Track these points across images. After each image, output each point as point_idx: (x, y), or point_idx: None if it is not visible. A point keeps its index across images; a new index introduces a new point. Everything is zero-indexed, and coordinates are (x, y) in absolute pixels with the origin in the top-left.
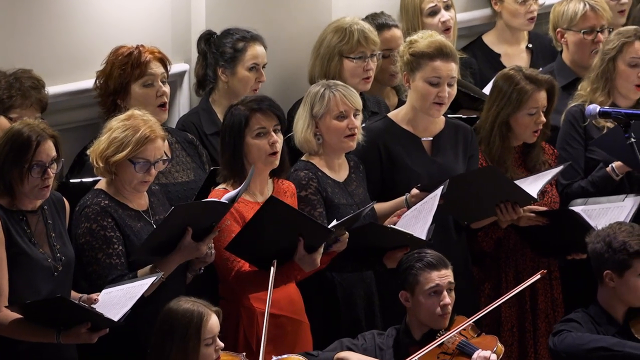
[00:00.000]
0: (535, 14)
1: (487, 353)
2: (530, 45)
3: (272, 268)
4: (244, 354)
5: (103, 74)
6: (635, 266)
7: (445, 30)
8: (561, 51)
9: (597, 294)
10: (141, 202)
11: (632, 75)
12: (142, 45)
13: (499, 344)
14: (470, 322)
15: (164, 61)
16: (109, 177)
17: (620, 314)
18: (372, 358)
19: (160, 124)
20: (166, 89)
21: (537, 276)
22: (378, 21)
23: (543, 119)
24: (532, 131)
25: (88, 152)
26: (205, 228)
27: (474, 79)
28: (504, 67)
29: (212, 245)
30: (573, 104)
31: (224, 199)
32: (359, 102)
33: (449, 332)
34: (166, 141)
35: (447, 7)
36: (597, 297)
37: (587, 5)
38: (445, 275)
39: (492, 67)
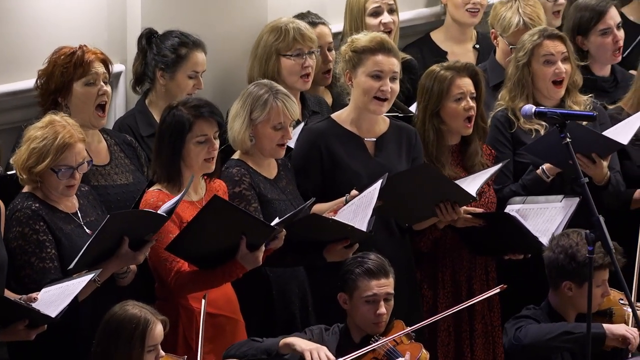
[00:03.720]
0: (480, 7)
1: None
2: (477, 46)
3: (202, 300)
4: (185, 357)
5: (45, 73)
6: (596, 277)
7: (387, 32)
8: (494, 50)
9: (549, 297)
10: (70, 204)
11: (549, 73)
12: (85, 46)
13: (424, 351)
14: (407, 332)
15: (106, 62)
16: (34, 185)
17: (571, 318)
18: (316, 344)
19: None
20: (107, 89)
21: (497, 290)
22: (305, 20)
23: (472, 104)
24: (463, 119)
25: (11, 161)
26: (142, 237)
27: (412, 86)
28: None
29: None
30: (497, 110)
31: (161, 211)
32: (297, 113)
33: (382, 340)
34: (104, 142)
35: (391, 11)
36: (549, 300)
37: (522, 22)
38: (383, 285)
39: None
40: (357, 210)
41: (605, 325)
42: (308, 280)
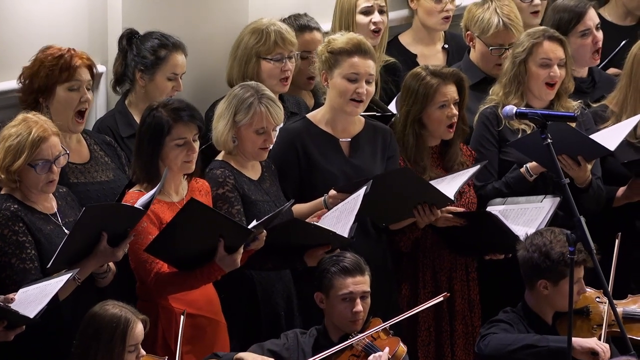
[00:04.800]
0: (451, 14)
1: (379, 354)
2: (446, 46)
3: (182, 317)
4: (166, 357)
5: (29, 71)
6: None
7: (375, 32)
8: (469, 50)
9: (525, 297)
10: (48, 205)
11: (543, 75)
12: (73, 49)
13: (401, 345)
14: (383, 327)
15: (91, 68)
16: (13, 185)
17: (549, 317)
18: (268, 358)
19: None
20: (89, 96)
21: (440, 298)
22: (300, 22)
23: (455, 111)
24: (445, 126)
25: None
26: (121, 233)
27: (395, 87)
28: None
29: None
30: (486, 106)
31: (137, 205)
32: (281, 118)
33: (359, 335)
34: (84, 141)
35: (382, 11)
36: (525, 300)
37: (501, 23)
38: (359, 283)
39: (408, 67)
40: (340, 217)
41: (574, 340)
42: (293, 281)
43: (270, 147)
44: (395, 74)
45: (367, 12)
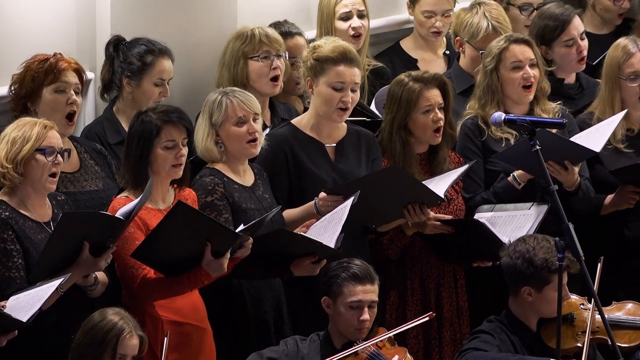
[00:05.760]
0: (443, 29)
1: None
2: (447, 52)
3: (165, 339)
4: None
5: (18, 78)
6: (554, 281)
7: (356, 37)
8: (458, 56)
9: (509, 304)
10: (43, 212)
11: (518, 78)
12: (60, 54)
13: (408, 355)
14: (388, 335)
15: (79, 72)
16: (17, 180)
17: (533, 323)
18: None
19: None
20: (77, 98)
21: (426, 318)
22: (281, 29)
23: (440, 115)
24: (432, 131)
25: None
26: (104, 243)
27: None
28: None
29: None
30: (467, 117)
31: (118, 214)
32: (257, 107)
33: (364, 342)
34: (74, 149)
35: (361, 16)
36: (509, 306)
37: (491, 26)
38: (369, 291)
39: None
40: (328, 227)
41: None
42: (283, 288)
43: (259, 142)
44: (383, 78)
45: (345, 17)
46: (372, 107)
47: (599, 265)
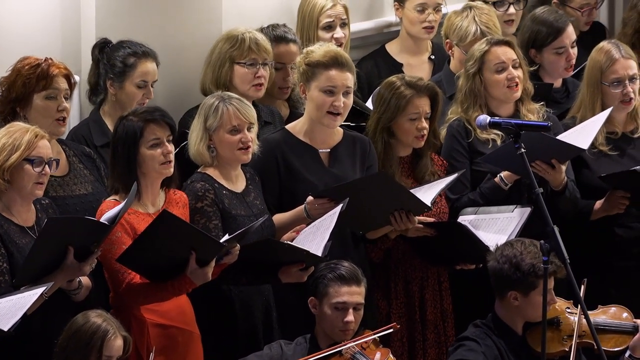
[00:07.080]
0: (435, 24)
1: None
2: (432, 57)
3: (151, 354)
4: None
5: (7, 81)
6: (540, 286)
7: (338, 46)
8: (449, 60)
9: (495, 307)
10: (27, 217)
11: (502, 79)
12: (50, 59)
13: (391, 356)
14: (373, 336)
15: (69, 77)
16: (3, 187)
17: (519, 327)
18: None
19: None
20: (67, 105)
21: (390, 330)
22: (276, 33)
23: (424, 125)
24: (414, 137)
25: None
26: (89, 247)
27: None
28: None
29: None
30: (453, 119)
31: (103, 219)
32: (253, 116)
33: (348, 342)
34: (63, 153)
35: (343, 25)
36: (495, 310)
37: (479, 31)
38: (355, 293)
39: None
40: (316, 233)
41: None
42: (273, 292)
43: (252, 149)
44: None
45: (329, 27)
46: (369, 103)
47: (582, 288)
